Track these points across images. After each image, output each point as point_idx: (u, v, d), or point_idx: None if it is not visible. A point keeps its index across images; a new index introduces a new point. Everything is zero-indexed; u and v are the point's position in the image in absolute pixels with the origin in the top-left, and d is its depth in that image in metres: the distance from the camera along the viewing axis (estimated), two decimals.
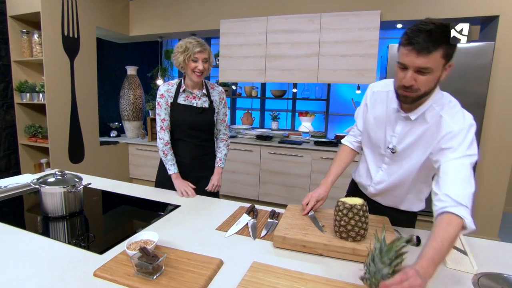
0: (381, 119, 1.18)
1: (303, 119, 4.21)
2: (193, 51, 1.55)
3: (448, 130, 0.99)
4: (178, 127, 1.69)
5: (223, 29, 3.56)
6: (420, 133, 1.08)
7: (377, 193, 1.29)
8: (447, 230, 0.83)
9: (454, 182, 0.91)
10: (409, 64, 0.93)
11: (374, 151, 1.25)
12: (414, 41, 0.90)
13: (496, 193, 3.05)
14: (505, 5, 2.79)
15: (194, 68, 1.57)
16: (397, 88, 1.03)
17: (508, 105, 2.88)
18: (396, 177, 1.18)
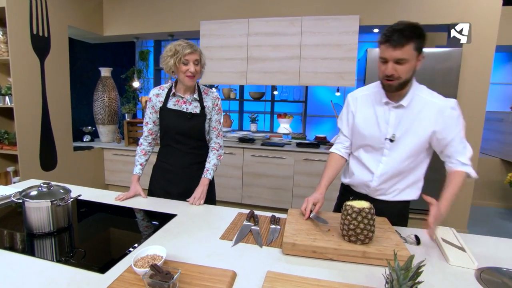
0: (371, 117, 1.31)
1: (282, 121, 4.25)
2: (183, 53, 1.48)
3: (440, 107, 1.22)
4: (166, 133, 1.62)
5: (203, 31, 3.50)
6: (413, 118, 1.24)
7: (380, 184, 1.33)
8: (457, 181, 1.24)
9: (458, 151, 1.25)
10: (388, 57, 1.14)
11: (370, 148, 1.34)
12: (390, 38, 1.11)
13: (464, 188, 3.26)
14: (472, 14, 3.00)
15: (185, 71, 1.50)
16: (381, 79, 1.22)
17: (474, 107, 3.10)
18: (397, 164, 1.29)
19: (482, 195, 4.21)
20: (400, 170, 1.30)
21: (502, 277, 0.96)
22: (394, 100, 1.26)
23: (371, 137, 1.31)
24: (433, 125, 1.22)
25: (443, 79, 3.01)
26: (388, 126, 1.27)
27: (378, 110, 1.29)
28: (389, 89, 1.21)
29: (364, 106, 1.34)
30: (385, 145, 1.29)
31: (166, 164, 1.67)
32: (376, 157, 1.33)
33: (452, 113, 1.22)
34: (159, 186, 1.68)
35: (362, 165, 1.38)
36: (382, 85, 1.24)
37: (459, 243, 1.14)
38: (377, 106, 1.30)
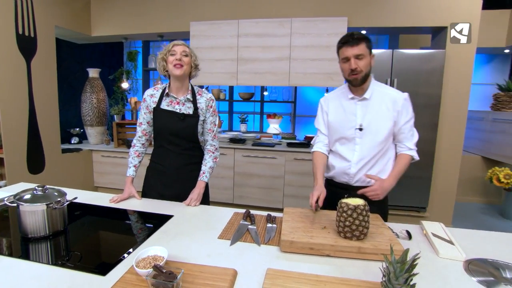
0: (341, 113, 1.53)
1: (271, 121, 4.28)
2: (169, 46, 1.54)
3: (396, 98, 1.44)
4: (159, 134, 1.63)
5: (193, 32, 3.49)
6: (376, 108, 1.45)
7: (358, 171, 1.50)
8: (402, 162, 1.47)
9: (407, 137, 1.48)
10: (350, 55, 1.37)
11: (344, 139, 1.53)
12: (348, 40, 1.37)
13: (449, 185, 3.38)
14: (454, 17, 3.11)
15: (172, 61, 1.50)
16: (347, 76, 1.43)
17: (458, 105, 3.22)
18: (369, 150, 1.47)
19: (465, 192, 4.36)
20: (372, 155, 1.47)
21: (488, 268, 1.01)
22: (358, 95, 1.47)
23: (344, 130, 1.51)
24: (391, 113, 1.44)
25: (427, 79, 3.12)
26: (356, 118, 1.48)
27: (346, 105, 1.51)
28: (355, 83, 1.42)
29: (334, 105, 1.56)
30: (356, 134, 1.48)
31: (160, 166, 1.67)
32: (350, 146, 1.51)
33: (404, 104, 1.44)
34: (153, 188, 1.67)
35: (340, 157, 1.55)
36: (349, 81, 1.45)
37: (448, 236, 1.19)
38: (345, 102, 1.51)
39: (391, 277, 0.76)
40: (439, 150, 3.30)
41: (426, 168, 3.29)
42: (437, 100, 3.14)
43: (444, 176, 3.35)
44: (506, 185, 3.75)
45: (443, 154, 3.31)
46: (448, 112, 3.24)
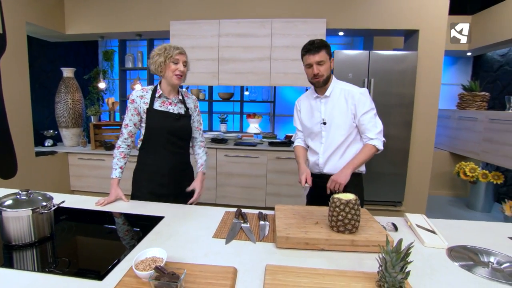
0: (309, 111, 1.71)
1: (251, 121, 4.30)
2: (174, 53, 1.53)
3: (353, 93, 1.60)
4: (155, 134, 1.61)
5: (173, 31, 3.43)
6: (336, 103, 1.62)
7: (325, 161, 1.67)
8: (366, 152, 1.59)
9: (368, 128, 1.61)
10: (312, 62, 1.56)
11: (313, 134, 1.70)
12: (310, 48, 1.55)
13: (422, 180, 3.58)
14: (423, 21, 3.30)
15: (174, 70, 1.54)
16: (311, 80, 1.62)
17: (429, 104, 3.41)
18: (333, 141, 1.64)
19: (435, 186, 4.62)
20: (336, 145, 1.64)
21: (468, 253, 1.10)
22: (321, 94, 1.65)
23: (312, 125, 1.69)
24: (349, 106, 1.60)
25: (402, 79, 3.28)
26: (321, 114, 1.65)
27: (313, 104, 1.70)
28: (318, 85, 1.61)
29: (305, 104, 1.75)
30: (322, 128, 1.66)
31: (153, 167, 1.64)
32: (318, 140, 1.69)
33: (360, 97, 1.59)
34: (147, 191, 1.63)
35: (311, 150, 1.74)
36: (313, 84, 1.65)
37: (430, 227, 1.27)
38: (312, 101, 1.70)
39: (388, 266, 0.80)
40: (413, 147, 3.48)
41: (402, 165, 3.45)
42: (410, 99, 3.31)
43: (418, 171, 3.54)
44: (471, 179, 4.03)
45: (416, 151, 3.50)
46: (420, 110, 3.42)
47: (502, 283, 0.92)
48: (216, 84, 3.53)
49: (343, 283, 0.87)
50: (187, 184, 1.71)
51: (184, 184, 1.70)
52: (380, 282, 0.83)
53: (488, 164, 4.13)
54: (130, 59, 4.04)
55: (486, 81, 4.57)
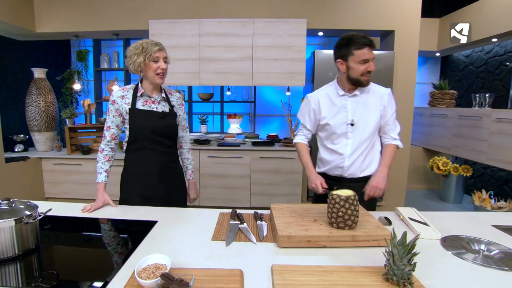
0: (332, 109, 1.60)
1: (232, 121, 4.28)
2: (153, 50, 1.46)
3: (382, 93, 1.59)
4: (139, 134, 1.55)
5: (153, 30, 3.33)
6: (366, 103, 1.57)
7: (352, 163, 1.59)
8: (393, 152, 1.61)
9: (392, 129, 1.61)
10: (370, 57, 1.47)
11: (336, 135, 1.61)
12: (371, 43, 1.46)
13: (400, 175, 3.72)
14: (398, 23, 3.43)
15: (156, 68, 1.48)
16: (358, 76, 1.50)
17: (406, 102, 3.56)
18: (360, 143, 1.58)
19: (410, 180, 4.82)
20: (363, 148, 1.58)
21: (460, 242, 1.15)
22: (350, 92, 1.57)
23: (336, 125, 1.59)
24: (378, 107, 1.57)
25: (379, 78, 3.39)
26: (347, 113, 1.57)
27: (337, 101, 1.59)
28: (366, 83, 1.53)
29: (325, 102, 1.62)
30: (348, 129, 1.58)
31: (141, 168, 1.58)
32: (342, 141, 1.60)
33: (389, 98, 1.59)
34: (136, 193, 1.57)
35: (333, 152, 1.64)
36: (357, 81, 1.52)
37: (422, 219, 1.32)
38: (336, 99, 1.59)
39: (396, 259, 0.81)
40: None
41: None
42: None
43: (397, 167, 3.68)
44: (444, 172, 4.25)
45: None
46: (398, 108, 3.54)
47: (494, 269, 0.97)
48: (198, 84, 3.47)
49: (351, 278, 0.87)
50: (177, 184, 1.68)
51: (174, 184, 1.66)
52: (388, 275, 0.84)
53: (457, 158, 4.39)
54: (105, 60, 3.86)
55: (453, 80, 4.84)
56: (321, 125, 1.65)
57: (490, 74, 4.16)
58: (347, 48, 1.48)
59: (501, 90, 3.92)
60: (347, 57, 1.49)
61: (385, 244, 1.10)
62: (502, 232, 1.27)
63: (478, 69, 4.40)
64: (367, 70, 1.47)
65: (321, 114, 1.62)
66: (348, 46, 1.48)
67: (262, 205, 3.56)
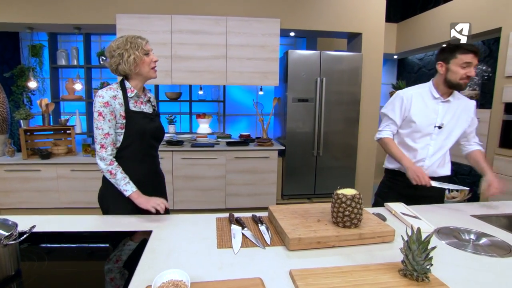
0: (424, 110, 1.65)
1: (201, 121, 4.17)
2: (143, 43, 1.37)
3: (470, 105, 1.67)
4: (138, 139, 1.41)
5: (120, 25, 3.10)
6: (456, 111, 1.64)
7: (432, 163, 1.67)
8: (483, 156, 1.70)
9: (474, 136, 1.73)
10: (474, 63, 1.51)
11: (420, 134, 1.66)
12: (478, 50, 1.51)
13: (368, 171, 3.92)
14: (366, 26, 3.60)
15: (150, 62, 1.39)
16: (458, 80, 1.54)
17: (373, 101, 3.76)
18: (443, 146, 1.66)
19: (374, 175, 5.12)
20: (444, 151, 1.67)
21: (452, 233, 1.23)
22: (444, 97, 1.63)
23: (423, 125, 1.64)
24: (467, 117, 1.66)
25: (349, 78, 3.53)
26: (437, 117, 1.63)
27: (429, 104, 1.64)
28: (464, 87, 1.58)
29: (417, 102, 1.65)
30: (434, 131, 1.65)
31: (137, 176, 1.41)
32: (425, 141, 1.66)
33: (475, 110, 1.69)
34: (130, 205, 1.38)
35: (412, 150, 1.69)
36: (457, 85, 1.57)
37: (413, 213, 1.39)
38: (429, 101, 1.64)
39: (416, 255, 0.84)
40: (361, 142, 3.79)
41: (352, 158, 3.73)
42: (358, 98, 3.60)
43: (365, 164, 3.87)
44: None
45: (363, 145, 3.82)
46: (366, 106, 3.74)
47: (484, 256, 1.06)
48: (170, 83, 3.31)
49: (371, 277, 0.88)
50: (164, 190, 1.61)
51: (163, 189, 1.60)
52: (406, 271, 0.87)
53: None
54: (63, 56, 3.51)
55: (409, 81, 5.23)
56: (406, 121, 1.69)
57: None
58: (452, 52, 1.53)
59: None
60: (449, 60, 1.54)
61: (388, 240, 1.15)
62: (480, 221, 1.39)
63: (430, 71, 4.79)
64: (467, 74, 1.51)
65: (411, 112, 1.65)
66: (453, 50, 1.53)
67: (238, 206, 3.52)
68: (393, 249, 1.10)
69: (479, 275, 0.94)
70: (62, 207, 3.16)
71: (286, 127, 3.54)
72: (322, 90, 3.43)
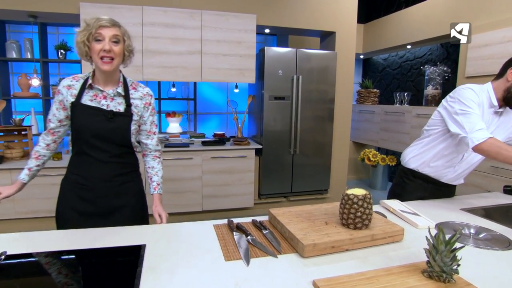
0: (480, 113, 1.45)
1: (171, 120, 3.97)
2: (96, 26, 1.18)
3: None
4: (79, 136, 1.29)
5: (85, 15, 2.80)
6: (503, 122, 1.51)
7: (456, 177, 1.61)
8: None
9: None
10: None
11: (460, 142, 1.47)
12: None
13: (342, 168, 4.02)
14: (339, 24, 3.67)
15: (98, 51, 1.20)
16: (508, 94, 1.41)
17: (346, 99, 3.84)
18: (478, 159, 1.56)
19: None
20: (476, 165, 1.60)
21: (453, 228, 1.25)
22: (499, 107, 1.48)
23: None
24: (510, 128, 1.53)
25: (324, 76, 3.57)
26: (489, 125, 1.49)
27: (486, 111, 1.48)
28: None
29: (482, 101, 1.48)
30: None
31: (79, 177, 1.32)
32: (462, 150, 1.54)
33: None
34: (70, 207, 1.31)
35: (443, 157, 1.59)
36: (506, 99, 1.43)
37: (411, 210, 1.40)
38: (486, 109, 1.48)
39: (443, 256, 0.82)
40: (335, 139, 3.86)
41: (327, 156, 3.79)
42: (332, 96, 3.65)
43: (339, 160, 3.96)
44: (373, 163, 4.76)
45: (337, 142, 3.90)
46: (340, 104, 3.82)
47: (485, 249, 1.09)
48: (141, 80, 3.08)
49: (397, 282, 0.85)
50: (132, 201, 1.40)
51: (121, 201, 1.37)
52: (433, 272, 0.85)
53: (379, 149, 4.98)
54: (14, 48, 3.08)
55: (375, 80, 5.46)
56: None
57: (404, 76, 4.82)
58: None
59: (413, 90, 4.58)
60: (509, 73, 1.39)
61: (398, 240, 1.14)
62: (471, 214, 1.44)
63: (394, 71, 5.04)
64: None
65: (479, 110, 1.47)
66: None
67: (215, 208, 3.40)
68: (405, 248, 1.08)
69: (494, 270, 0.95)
70: (18, 217, 2.80)
71: (262, 126, 3.48)
72: (298, 88, 3.43)
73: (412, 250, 1.06)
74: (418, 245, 1.08)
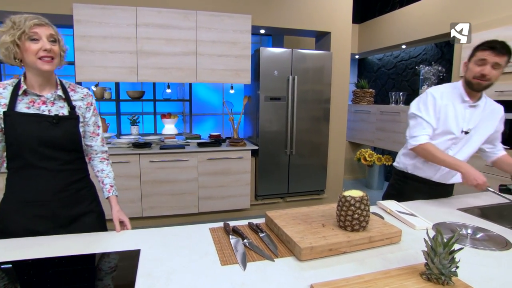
0: (451, 112, 1.53)
1: (166, 121, 3.95)
2: (27, 25, 1.08)
3: (497, 109, 1.58)
4: (21, 149, 1.17)
5: (78, 16, 2.77)
6: (483, 116, 1.54)
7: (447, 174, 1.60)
8: None
9: (499, 140, 1.65)
10: (489, 60, 1.38)
11: (446, 139, 1.56)
12: (495, 46, 1.38)
13: (338, 168, 4.02)
14: (335, 25, 3.67)
15: (37, 51, 1.10)
16: (472, 78, 1.44)
17: (342, 99, 3.85)
18: (469, 151, 1.58)
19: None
20: (469, 156, 1.59)
21: (450, 228, 1.25)
22: (472, 100, 1.52)
23: (448, 129, 1.54)
24: (495, 122, 1.57)
25: (320, 76, 3.57)
26: (464, 121, 1.53)
27: (457, 107, 1.53)
28: (477, 88, 1.45)
29: (447, 102, 1.54)
30: (460, 136, 1.55)
31: (27, 195, 1.20)
32: (445, 144, 1.57)
33: (503, 114, 1.60)
34: (21, 227, 1.19)
35: None
36: (470, 84, 1.47)
37: (408, 210, 1.40)
38: (457, 104, 1.53)
39: (442, 258, 0.81)
40: (331, 139, 3.86)
41: (323, 156, 3.79)
42: (328, 96, 3.65)
43: (335, 160, 3.96)
44: (369, 163, 4.77)
45: (333, 143, 3.90)
46: (335, 104, 3.82)
47: (483, 250, 1.08)
48: (136, 81, 3.05)
49: (396, 285, 0.84)
50: (91, 207, 1.34)
51: (80, 209, 1.29)
52: (431, 275, 0.84)
53: (375, 149, 4.99)
54: None
55: (370, 80, 5.48)
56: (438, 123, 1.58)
57: (399, 76, 4.84)
58: (475, 49, 1.45)
59: (408, 89, 4.60)
60: (470, 58, 1.47)
61: (396, 241, 1.13)
62: (467, 214, 1.44)
63: (389, 71, 5.06)
64: (481, 73, 1.40)
65: (441, 113, 1.54)
66: (476, 48, 1.44)
67: (212, 210, 3.38)
68: (402, 250, 1.08)
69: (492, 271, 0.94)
70: None
71: (258, 127, 3.47)
72: (294, 89, 3.42)
73: (410, 252, 1.06)
74: (416, 246, 1.08)
